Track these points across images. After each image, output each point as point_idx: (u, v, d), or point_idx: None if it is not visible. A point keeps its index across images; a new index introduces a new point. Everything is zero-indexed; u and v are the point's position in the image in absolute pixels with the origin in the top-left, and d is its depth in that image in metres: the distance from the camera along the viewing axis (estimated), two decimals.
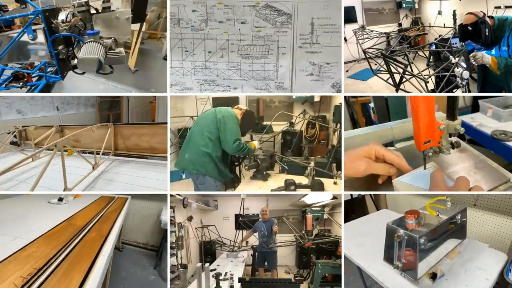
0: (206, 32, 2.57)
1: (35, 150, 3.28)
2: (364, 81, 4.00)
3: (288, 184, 2.90)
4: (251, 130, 3.78)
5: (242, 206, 3.87)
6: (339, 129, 4.53)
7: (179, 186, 4.72)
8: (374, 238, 2.28)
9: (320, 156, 4.48)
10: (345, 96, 3.57)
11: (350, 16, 4.88)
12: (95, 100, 7.33)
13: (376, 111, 3.55)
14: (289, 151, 5.19)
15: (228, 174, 3.29)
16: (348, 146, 2.14)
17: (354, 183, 1.87)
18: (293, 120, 5.64)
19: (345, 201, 4.89)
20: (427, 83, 2.73)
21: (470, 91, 2.97)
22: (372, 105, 3.64)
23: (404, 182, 1.67)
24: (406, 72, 2.69)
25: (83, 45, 2.45)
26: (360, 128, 2.64)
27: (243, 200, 3.86)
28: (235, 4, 2.49)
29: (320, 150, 5.11)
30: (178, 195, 3.30)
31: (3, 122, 5.63)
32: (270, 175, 3.40)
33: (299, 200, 4.68)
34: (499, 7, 3.77)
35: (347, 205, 4.98)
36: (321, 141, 5.27)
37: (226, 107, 3.28)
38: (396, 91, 2.87)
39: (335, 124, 4.81)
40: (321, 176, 3.17)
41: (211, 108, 3.49)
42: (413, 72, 2.72)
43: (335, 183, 3.07)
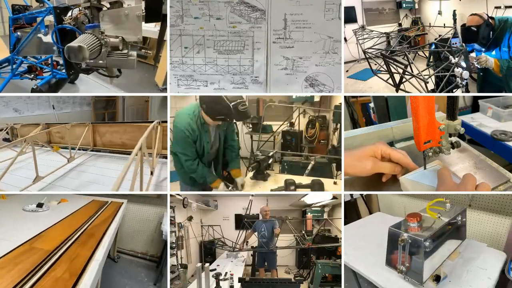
0: (182, 28, 2.59)
1: (25, 146, 3.55)
2: (364, 81, 4.00)
3: (288, 184, 2.90)
4: (222, 117, 2.63)
5: (249, 206, 3.86)
6: (339, 129, 4.54)
7: (179, 186, 4.72)
8: (372, 242, 2.28)
9: (320, 156, 4.48)
10: (345, 96, 3.57)
11: (350, 16, 4.88)
12: (90, 99, 7.41)
13: (376, 111, 3.54)
14: (289, 151, 5.20)
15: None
16: (348, 146, 2.14)
17: (355, 182, 1.88)
18: (293, 120, 5.65)
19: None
20: (427, 83, 2.72)
21: (469, 91, 2.97)
22: (372, 105, 3.64)
23: (411, 180, 1.67)
24: (406, 72, 2.69)
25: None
26: (360, 128, 2.64)
27: (251, 201, 3.86)
28: (210, 0, 2.52)
29: (320, 150, 5.12)
30: (178, 195, 3.30)
31: (0, 120, 5.75)
32: (270, 175, 3.40)
33: (299, 200, 4.68)
34: (499, 7, 3.77)
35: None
36: (321, 141, 5.27)
37: (187, 106, 2.79)
38: (396, 91, 2.87)
39: (335, 124, 4.81)
40: (321, 176, 3.17)
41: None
42: (412, 72, 2.71)
43: (335, 183, 3.06)
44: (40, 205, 3.00)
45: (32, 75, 2.94)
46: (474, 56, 3.03)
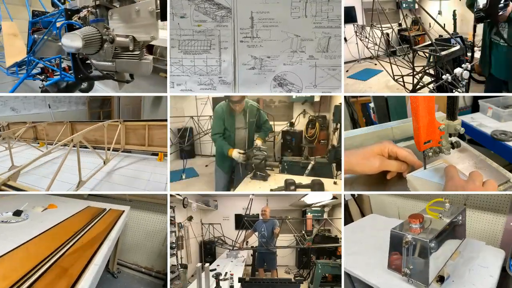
0: None
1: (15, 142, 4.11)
2: (364, 81, 4.01)
3: (288, 184, 2.90)
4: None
5: (249, 206, 3.86)
6: (339, 129, 4.54)
7: (179, 186, 4.73)
8: (369, 245, 2.25)
9: (320, 156, 4.48)
10: (345, 96, 3.57)
11: (350, 16, 4.88)
12: (86, 99, 7.46)
13: (376, 111, 3.55)
14: (289, 151, 5.20)
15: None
16: (348, 146, 2.14)
17: (355, 182, 1.88)
18: (293, 120, 5.65)
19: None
20: (434, 90, 2.70)
21: (469, 91, 2.97)
22: (372, 105, 3.64)
23: (419, 177, 1.68)
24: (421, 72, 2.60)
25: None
26: (360, 128, 2.63)
27: (251, 200, 3.85)
28: None
29: (320, 150, 5.11)
30: (178, 195, 3.30)
31: None
32: (270, 175, 3.40)
33: (299, 200, 4.68)
34: None
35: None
36: (321, 141, 5.27)
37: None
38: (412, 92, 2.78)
39: (335, 124, 4.81)
40: (321, 176, 3.17)
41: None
42: (414, 72, 2.70)
43: (335, 183, 3.06)
44: (17, 213, 2.39)
45: (43, 76, 3.04)
46: None
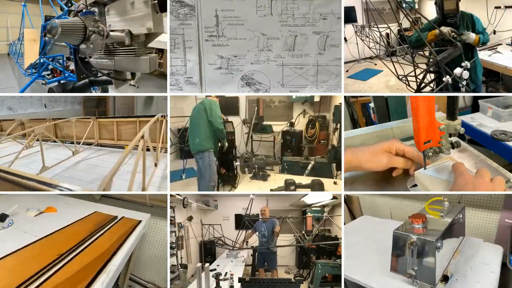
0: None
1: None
2: (364, 81, 4.00)
3: (288, 184, 2.90)
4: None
5: (250, 206, 3.86)
6: (339, 129, 4.54)
7: (179, 186, 4.73)
8: (366, 248, 2.21)
9: (320, 156, 4.48)
10: (345, 96, 3.57)
11: (350, 16, 4.87)
12: (81, 98, 7.56)
13: (376, 111, 3.55)
14: (289, 151, 5.20)
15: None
16: (349, 146, 2.14)
17: (355, 181, 1.88)
18: (293, 120, 5.65)
19: None
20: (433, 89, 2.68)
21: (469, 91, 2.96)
22: (372, 105, 3.64)
23: (428, 175, 1.70)
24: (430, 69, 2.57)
25: None
26: (360, 128, 2.63)
27: (252, 200, 3.86)
28: None
29: (320, 150, 5.11)
30: (178, 195, 3.29)
31: None
32: (270, 175, 3.40)
33: (299, 200, 4.68)
34: (499, 7, 3.77)
35: None
36: (321, 141, 5.27)
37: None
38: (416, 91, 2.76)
39: (335, 124, 4.81)
40: (321, 176, 3.17)
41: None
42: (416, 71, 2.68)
43: (335, 183, 3.06)
44: (1, 218, 2.03)
45: (50, 76, 3.21)
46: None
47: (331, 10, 2.26)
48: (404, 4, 5.09)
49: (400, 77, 2.78)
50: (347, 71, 4.30)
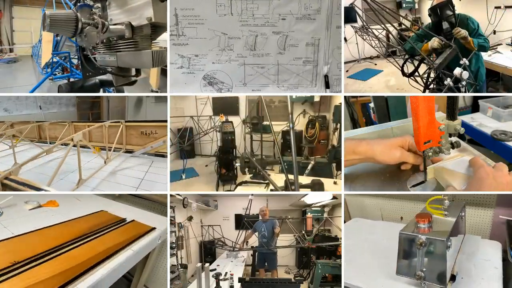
0: None
1: None
2: (364, 81, 4.00)
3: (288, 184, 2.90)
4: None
5: (249, 206, 3.85)
6: (339, 129, 4.54)
7: (179, 186, 4.72)
8: (362, 252, 2.17)
9: (320, 156, 4.48)
10: (345, 96, 3.57)
11: (350, 16, 4.87)
12: (75, 100, 7.61)
13: (376, 111, 3.55)
14: (289, 151, 5.19)
15: None
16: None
17: (356, 179, 1.88)
18: (293, 120, 5.63)
19: None
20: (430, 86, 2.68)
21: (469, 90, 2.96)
22: (372, 105, 3.64)
23: (449, 168, 1.73)
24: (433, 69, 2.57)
25: None
26: (360, 128, 2.64)
27: (251, 200, 3.84)
28: None
29: (320, 150, 5.11)
30: (178, 195, 3.30)
31: None
32: (270, 175, 3.40)
33: (299, 200, 4.68)
34: (499, 7, 3.77)
35: None
36: (321, 141, 5.26)
37: None
38: (424, 91, 2.75)
39: (335, 124, 4.81)
40: (321, 176, 3.17)
41: None
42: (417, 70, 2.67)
43: (335, 183, 3.07)
44: None
45: (60, 73, 3.36)
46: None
47: (290, 11, 2.27)
48: (404, 5, 5.10)
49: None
50: (347, 71, 4.30)
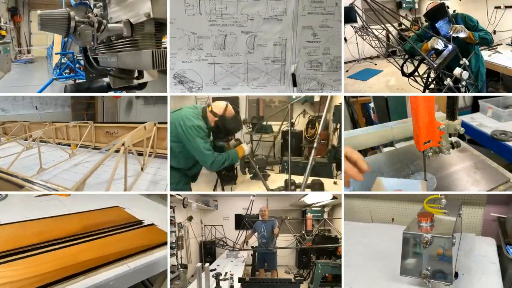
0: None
1: None
2: (364, 81, 4.00)
3: (288, 184, 2.90)
4: (235, 133, 2.96)
5: (250, 206, 3.84)
6: (339, 129, 4.54)
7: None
8: (360, 256, 2.15)
9: (320, 156, 4.48)
10: (345, 96, 3.57)
11: (350, 16, 4.87)
12: (70, 101, 7.67)
13: (376, 111, 3.55)
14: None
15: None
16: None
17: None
18: (293, 120, 5.63)
19: None
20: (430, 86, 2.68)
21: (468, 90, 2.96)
22: (372, 105, 3.64)
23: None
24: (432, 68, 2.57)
25: None
26: (360, 128, 2.63)
27: (252, 201, 3.84)
28: None
29: (320, 150, 5.11)
30: (178, 195, 3.29)
31: None
32: (270, 175, 3.40)
33: (299, 200, 4.68)
34: (499, 7, 3.77)
35: None
36: (321, 141, 5.26)
37: (191, 108, 2.74)
38: (424, 91, 2.75)
39: (335, 124, 4.81)
40: (321, 176, 3.17)
41: (179, 108, 2.79)
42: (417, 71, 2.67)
43: (335, 183, 3.06)
44: None
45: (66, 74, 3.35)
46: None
47: (257, 12, 2.28)
48: (404, 5, 5.10)
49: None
50: (347, 71, 4.30)
